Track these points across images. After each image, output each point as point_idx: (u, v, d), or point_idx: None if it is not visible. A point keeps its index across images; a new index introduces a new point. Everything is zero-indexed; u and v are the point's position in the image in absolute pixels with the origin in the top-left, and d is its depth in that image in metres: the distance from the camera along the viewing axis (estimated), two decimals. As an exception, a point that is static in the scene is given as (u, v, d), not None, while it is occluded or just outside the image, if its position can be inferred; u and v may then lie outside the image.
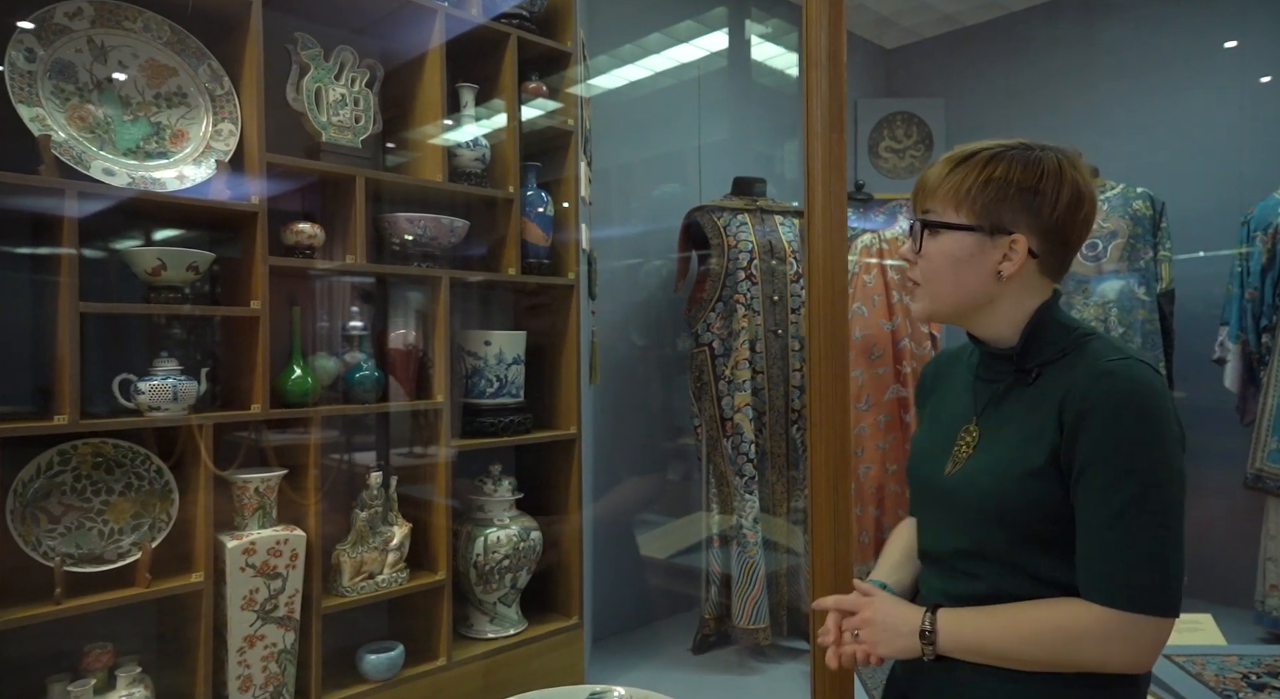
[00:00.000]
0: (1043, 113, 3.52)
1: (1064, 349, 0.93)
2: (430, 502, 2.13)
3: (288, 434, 1.91)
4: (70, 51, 1.69)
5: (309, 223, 1.92)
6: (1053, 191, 0.92)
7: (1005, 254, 0.93)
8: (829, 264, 1.89)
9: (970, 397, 1.01)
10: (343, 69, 2.04)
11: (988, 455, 0.94)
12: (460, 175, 2.20)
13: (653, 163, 3.12)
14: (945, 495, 0.98)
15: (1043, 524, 0.90)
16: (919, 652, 0.92)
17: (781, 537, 2.77)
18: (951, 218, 0.94)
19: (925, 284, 0.98)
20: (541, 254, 2.37)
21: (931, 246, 0.96)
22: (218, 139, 1.84)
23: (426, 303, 2.17)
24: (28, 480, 1.60)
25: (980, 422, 0.98)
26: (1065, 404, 0.88)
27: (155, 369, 1.68)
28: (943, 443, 1.01)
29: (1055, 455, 0.88)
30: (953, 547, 0.97)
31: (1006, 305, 0.95)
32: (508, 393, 2.29)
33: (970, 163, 0.94)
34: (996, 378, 0.98)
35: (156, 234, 1.88)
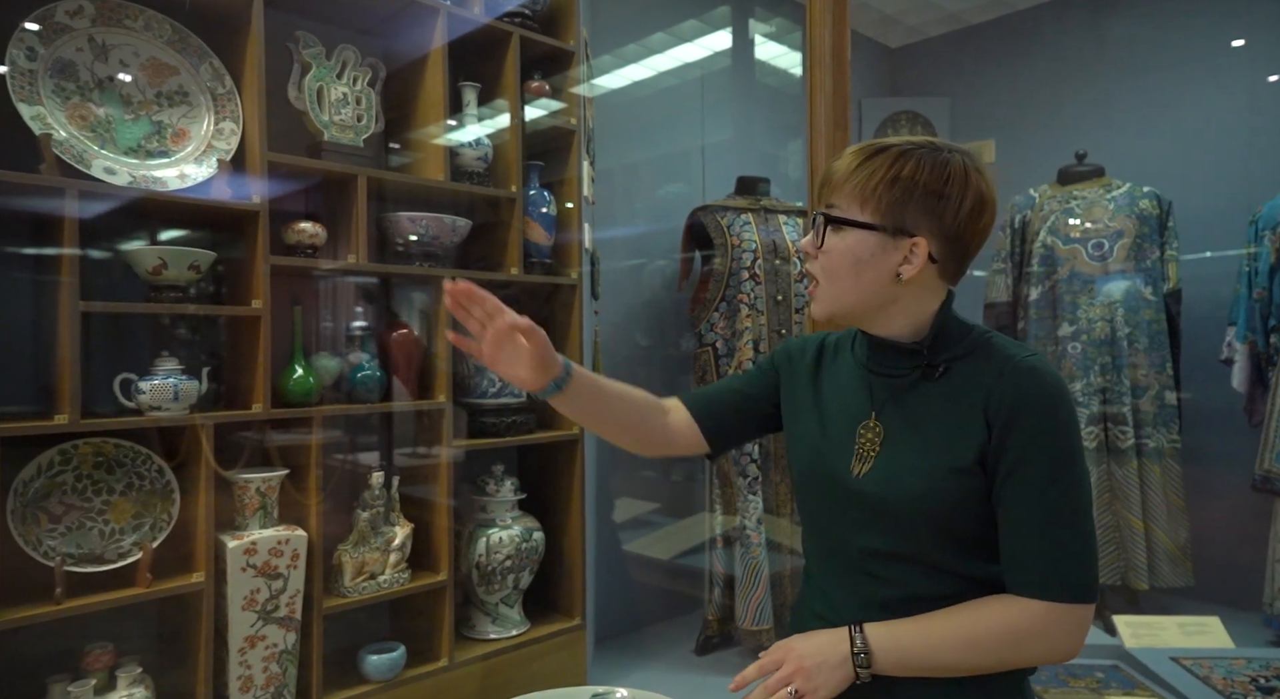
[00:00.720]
0: (1049, 111, 3.50)
1: (969, 347, 0.93)
2: (432, 502, 2.12)
3: (289, 434, 1.90)
4: (71, 50, 1.68)
5: (311, 222, 1.91)
6: (957, 197, 0.90)
7: (905, 257, 0.91)
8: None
9: (865, 392, 0.98)
10: (345, 68, 2.03)
11: (904, 453, 0.92)
12: (463, 175, 2.19)
13: (656, 162, 3.11)
14: (857, 495, 0.93)
15: (967, 523, 0.89)
16: (853, 678, 0.88)
17: (785, 537, 2.75)
18: (856, 215, 0.91)
19: (825, 282, 0.94)
20: (544, 254, 2.36)
21: (834, 242, 0.93)
22: (219, 138, 1.83)
23: (429, 302, 2.16)
24: (28, 480, 1.60)
25: (881, 417, 0.95)
26: (990, 403, 0.88)
27: (156, 368, 1.68)
28: (840, 439, 0.97)
29: (981, 453, 0.88)
30: (865, 548, 0.94)
31: (905, 306, 0.94)
32: (510, 393, 2.28)
33: (879, 158, 0.91)
34: (894, 372, 0.95)
35: (158, 233, 1.88)
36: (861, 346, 1.00)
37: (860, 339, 1.01)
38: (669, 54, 3.17)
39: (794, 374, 1.07)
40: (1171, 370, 2.78)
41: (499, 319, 0.93)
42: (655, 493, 3.12)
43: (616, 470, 2.91)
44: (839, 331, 1.09)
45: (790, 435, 1.06)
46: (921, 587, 0.91)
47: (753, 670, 0.92)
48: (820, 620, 0.97)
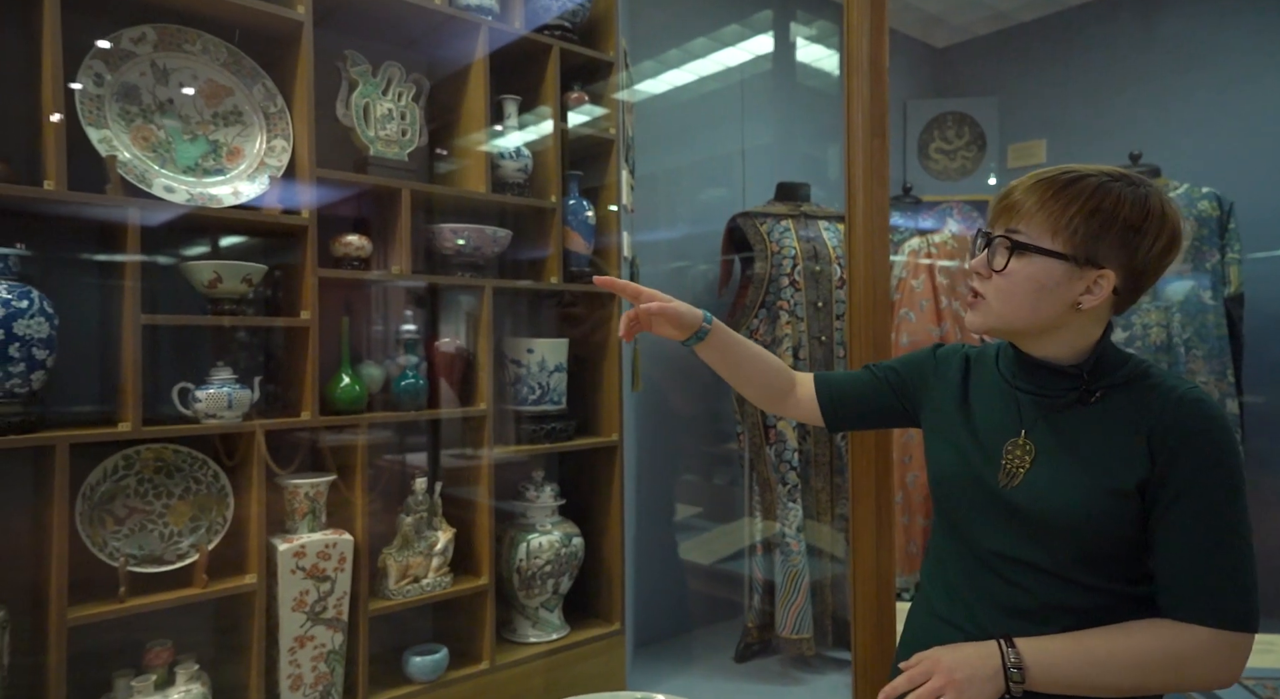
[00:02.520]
0: (1101, 110, 3.40)
1: (1127, 376, 0.95)
2: (474, 507, 2.17)
3: (337, 440, 1.96)
4: (135, 75, 1.77)
5: (357, 235, 1.97)
6: (1154, 233, 0.92)
7: (1089, 287, 0.93)
8: (870, 271, 1.87)
9: (1014, 408, 1.01)
10: (390, 84, 2.09)
11: (1058, 472, 0.94)
12: (503, 186, 2.24)
13: (698, 167, 3.11)
14: (1005, 506, 0.97)
15: (1111, 542, 0.92)
16: (1004, 692, 0.90)
17: (826, 545, 2.73)
18: (1046, 243, 0.93)
19: (996, 302, 0.97)
20: (584, 262, 2.39)
21: (1016, 267, 0.95)
22: (271, 155, 1.90)
23: (471, 311, 2.21)
24: (95, 484, 1.69)
25: (1032, 435, 0.98)
26: (1154, 433, 0.90)
27: (212, 378, 1.75)
28: (987, 452, 1.01)
29: (1143, 481, 0.90)
30: (1001, 553, 0.97)
31: (1071, 331, 0.96)
32: (550, 400, 2.31)
33: (1075, 189, 0.92)
34: (1047, 393, 0.98)
35: (213, 247, 1.96)
36: (1009, 364, 1.04)
37: (1007, 356, 1.04)
38: (710, 58, 3.18)
39: (942, 380, 1.11)
40: (1233, 377, 2.67)
41: (639, 302, 1.12)
42: (697, 497, 3.13)
43: (657, 475, 2.92)
44: (975, 346, 1.14)
45: (933, 437, 1.10)
46: (1054, 596, 0.94)
47: (902, 682, 0.95)
48: (941, 621, 1.02)
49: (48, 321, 1.55)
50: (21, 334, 1.50)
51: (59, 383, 1.63)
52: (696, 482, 3.14)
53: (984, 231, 1.00)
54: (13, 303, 1.50)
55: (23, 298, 1.52)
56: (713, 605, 3.09)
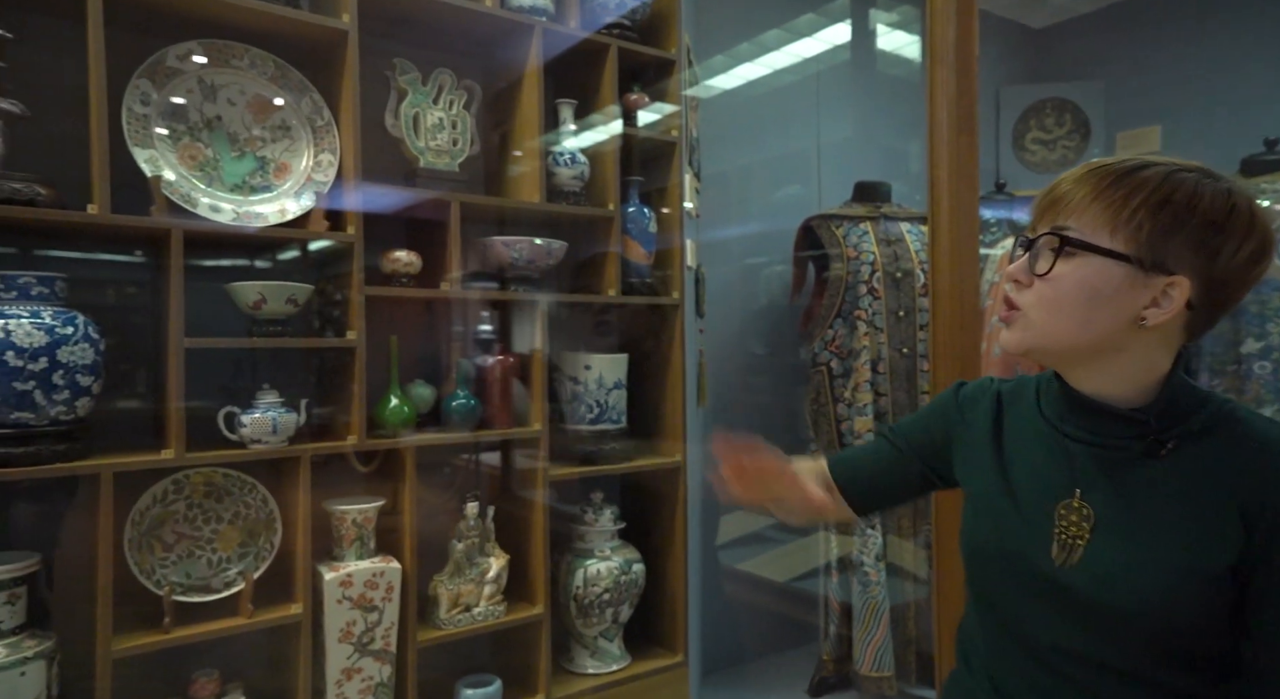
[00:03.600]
0: (1224, 93, 3.04)
1: (1208, 421, 0.76)
2: (528, 532, 2.07)
3: (385, 463, 1.90)
4: (182, 92, 1.74)
5: (406, 251, 1.90)
6: (1240, 235, 0.73)
7: (1156, 298, 0.74)
8: (957, 280, 1.67)
9: (1063, 461, 0.82)
10: (440, 92, 2.01)
11: (1125, 547, 0.76)
12: (559, 194, 2.13)
13: (770, 164, 2.94)
14: (1059, 588, 0.78)
15: (1202, 637, 0.73)
16: None
17: (909, 563, 2.52)
18: (1102, 241, 0.75)
19: (1040, 314, 0.78)
20: (644, 273, 2.26)
21: (1065, 270, 0.77)
22: (318, 170, 1.85)
23: (524, 327, 2.11)
24: (145, 509, 1.66)
25: (1088, 497, 0.79)
26: (1248, 497, 0.71)
27: (258, 401, 1.71)
28: (1033, 516, 0.82)
29: (1237, 559, 0.72)
30: (1061, 647, 0.79)
31: (1131, 359, 0.77)
32: (608, 419, 2.19)
33: (1139, 177, 0.74)
34: (1104, 442, 0.79)
35: (258, 267, 1.92)
36: (1055, 403, 0.84)
37: (1051, 393, 0.85)
38: (784, 51, 2.99)
39: (970, 427, 0.93)
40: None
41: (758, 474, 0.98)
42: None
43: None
44: (1009, 379, 0.94)
45: (965, 500, 0.92)
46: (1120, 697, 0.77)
47: None
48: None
49: (92, 348, 1.53)
50: (65, 361, 1.48)
51: (105, 408, 1.61)
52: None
53: (1023, 236, 0.82)
54: (57, 329, 1.47)
55: (67, 324, 1.50)
56: (785, 629, 2.91)
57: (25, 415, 1.45)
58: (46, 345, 1.46)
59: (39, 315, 1.47)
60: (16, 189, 1.47)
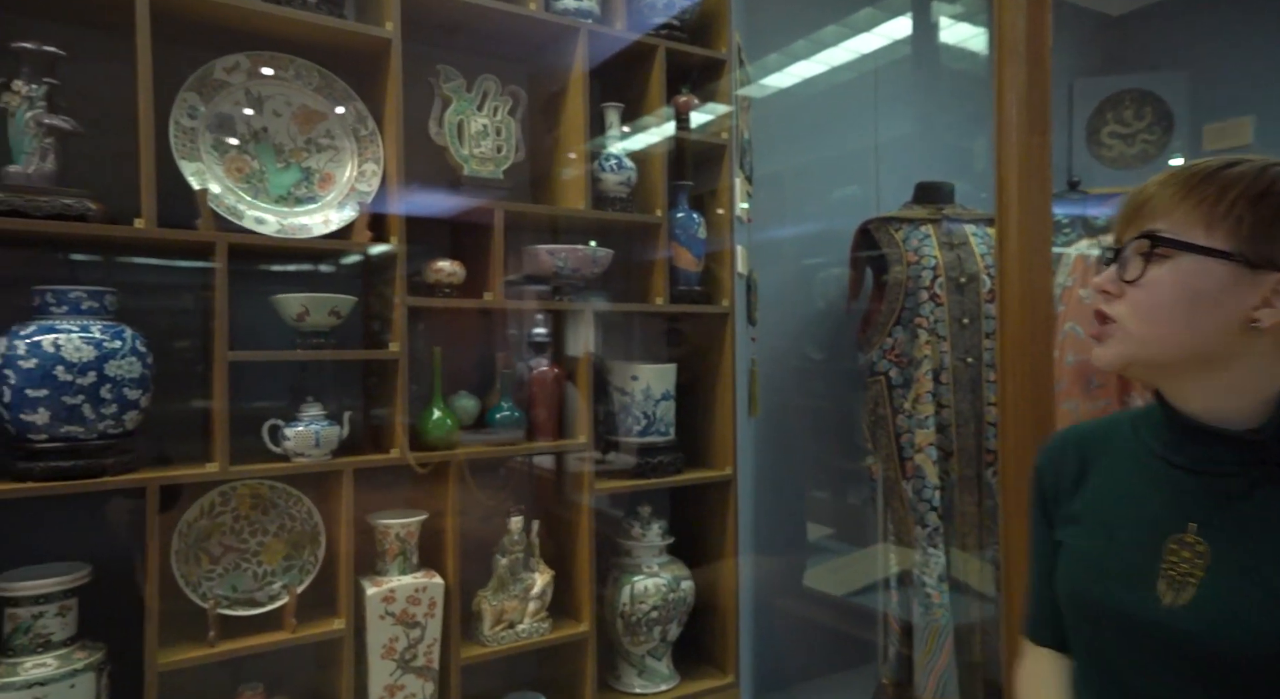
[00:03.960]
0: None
1: None
2: (574, 547, 2.02)
3: (428, 477, 1.87)
4: (229, 104, 1.74)
5: (450, 261, 1.87)
6: None
7: (1268, 297, 0.67)
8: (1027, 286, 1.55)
9: (1169, 492, 0.74)
10: (485, 99, 1.98)
11: (1248, 584, 0.67)
12: (605, 201, 2.07)
13: (826, 165, 2.83)
14: (1172, 634, 0.70)
15: None
16: None
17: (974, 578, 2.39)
18: (1198, 238, 0.68)
19: (1134, 322, 0.72)
20: (693, 281, 2.19)
21: (1158, 275, 0.70)
22: (362, 180, 1.83)
23: (570, 337, 2.06)
24: (192, 521, 1.67)
25: (1203, 531, 0.71)
26: None
27: (301, 414, 1.70)
28: (1134, 556, 0.74)
29: None
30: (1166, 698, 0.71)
31: (1245, 370, 0.70)
32: (656, 431, 2.13)
33: (1230, 174, 0.68)
34: (1219, 470, 0.71)
35: (302, 278, 1.91)
36: (1158, 431, 0.77)
37: (1153, 421, 0.78)
38: (841, 47, 2.88)
39: (1059, 486, 0.86)
40: None
41: None
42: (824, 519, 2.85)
43: (778, 507, 2.67)
44: (1087, 423, 0.87)
45: (1061, 549, 0.85)
46: None
47: None
48: None
49: (140, 361, 1.53)
50: (113, 375, 1.48)
51: (153, 419, 1.62)
52: (825, 501, 2.86)
53: (1108, 247, 0.75)
54: (105, 343, 1.48)
55: (116, 338, 1.51)
56: (842, 648, 2.80)
57: (75, 429, 1.46)
58: (95, 359, 1.47)
59: (88, 330, 1.48)
60: (68, 204, 1.48)
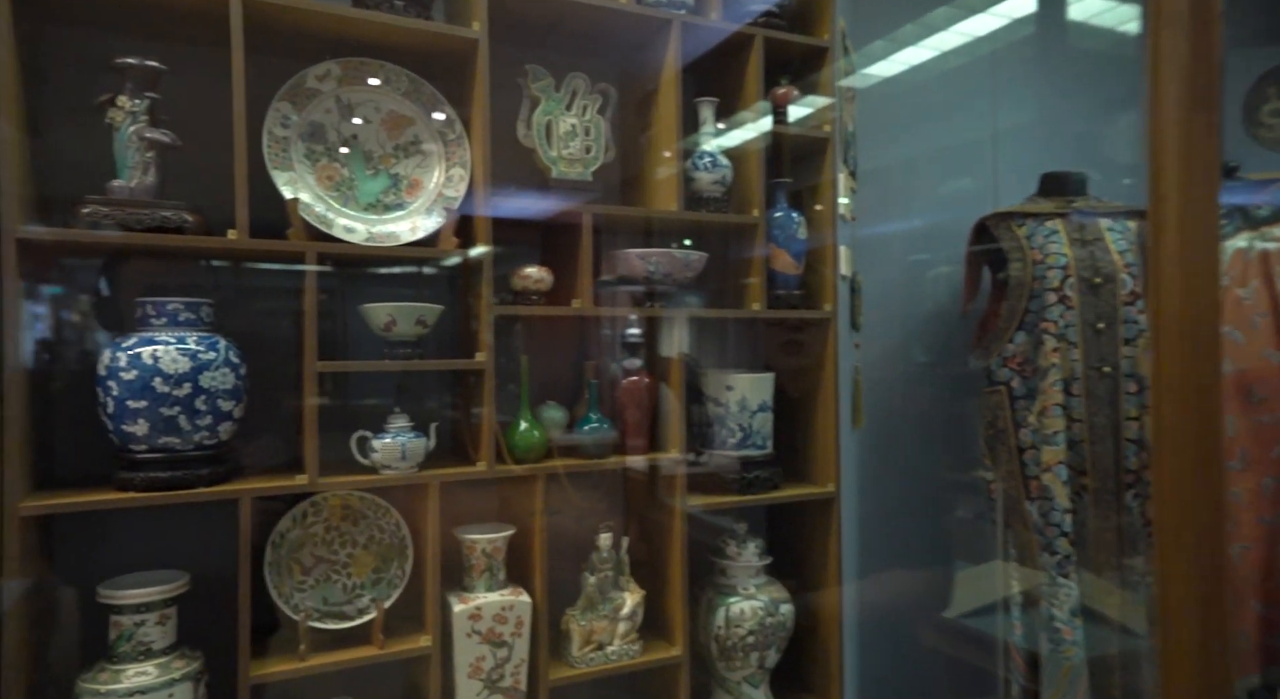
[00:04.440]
0: None
1: None
2: (666, 566, 1.92)
3: (515, 490, 1.81)
4: (321, 112, 1.73)
5: (537, 267, 1.81)
6: None
7: None
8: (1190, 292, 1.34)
9: None
10: (574, 97, 1.91)
11: None
12: (698, 201, 1.96)
13: (937, 156, 2.62)
14: None
15: None
16: None
17: (1112, 630, 2.15)
18: None
19: None
20: (792, 284, 2.05)
21: None
22: (449, 185, 1.79)
23: (660, 345, 1.96)
24: (284, 531, 1.67)
25: None
26: None
27: (388, 426, 1.67)
28: None
29: None
30: None
31: None
32: (752, 444, 2.00)
33: None
34: None
35: (389, 287, 1.89)
36: None
37: None
38: (954, 30, 2.67)
39: None
40: None
41: None
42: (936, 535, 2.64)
43: (884, 524, 2.48)
44: None
45: None
46: None
47: None
48: None
49: (233, 372, 1.54)
50: (207, 386, 1.49)
51: (247, 430, 1.62)
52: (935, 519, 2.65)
53: None
54: (200, 354, 1.49)
55: (210, 349, 1.51)
56: (958, 677, 2.59)
57: (172, 440, 1.47)
58: (190, 371, 1.47)
59: (184, 341, 1.50)
60: (166, 217, 1.50)
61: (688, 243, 2.09)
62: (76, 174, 1.56)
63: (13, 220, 1.36)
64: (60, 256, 1.60)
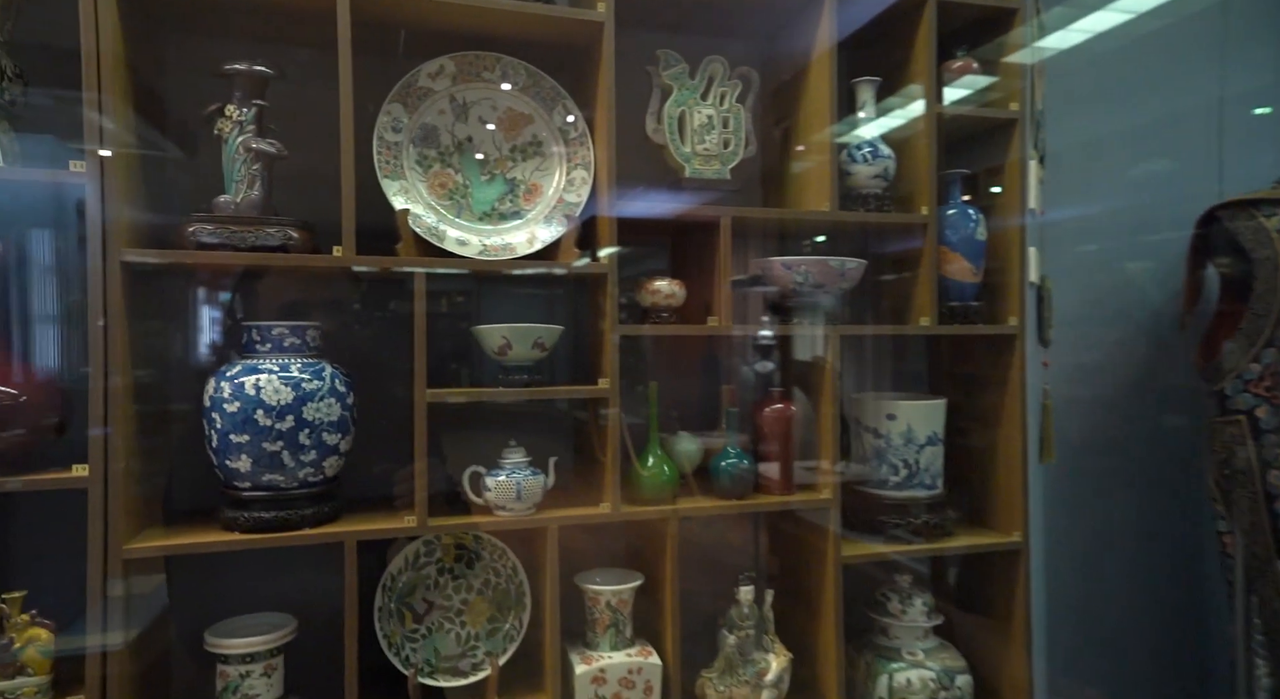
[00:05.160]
0: None
1: None
2: (816, 625, 1.65)
3: (643, 534, 1.60)
4: (434, 114, 1.58)
5: (667, 280, 1.58)
6: None
7: None
8: None
9: None
10: (711, 85, 1.67)
11: None
12: (855, 199, 1.68)
13: (1138, 134, 2.19)
14: None
15: None
16: None
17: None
18: None
19: None
20: (968, 294, 1.72)
21: None
22: (570, 189, 1.60)
23: (809, 367, 1.69)
24: (396, 574, 1.53)
25: None
26: None
27: (504, 461, 1.49)
28: None
29: None
30: None
31: None
32: (920, 483, 1.70)
33: None
34: None
35: (508, 304, 1.72)
36: None
37: None
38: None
39: None
40: None
41: None
42: (1147, 603, 2.21)
43: (1081, 580, 2.08)
44: None
45: None
46: None
47: None
48: None
49: (339, 402, 1.40)
50: (311, 418, 1.36)
51: (355, 462, 1.49)
52: (1146, 575, 2.22)
53: None
54: (304, 384, 1.37)
55: (315, 377, 1.39)
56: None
57: (275, 477, 1.36)
58: (293, 402, 1.35)
59: (288, 369, 1.37)
60: (270, 233, 1.38)
61: (820, 239, 1.81)
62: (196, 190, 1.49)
63: (118, 243, 1.28)
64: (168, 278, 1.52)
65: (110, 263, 1.27)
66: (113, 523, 1.27)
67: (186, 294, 1.56)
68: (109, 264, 1.27)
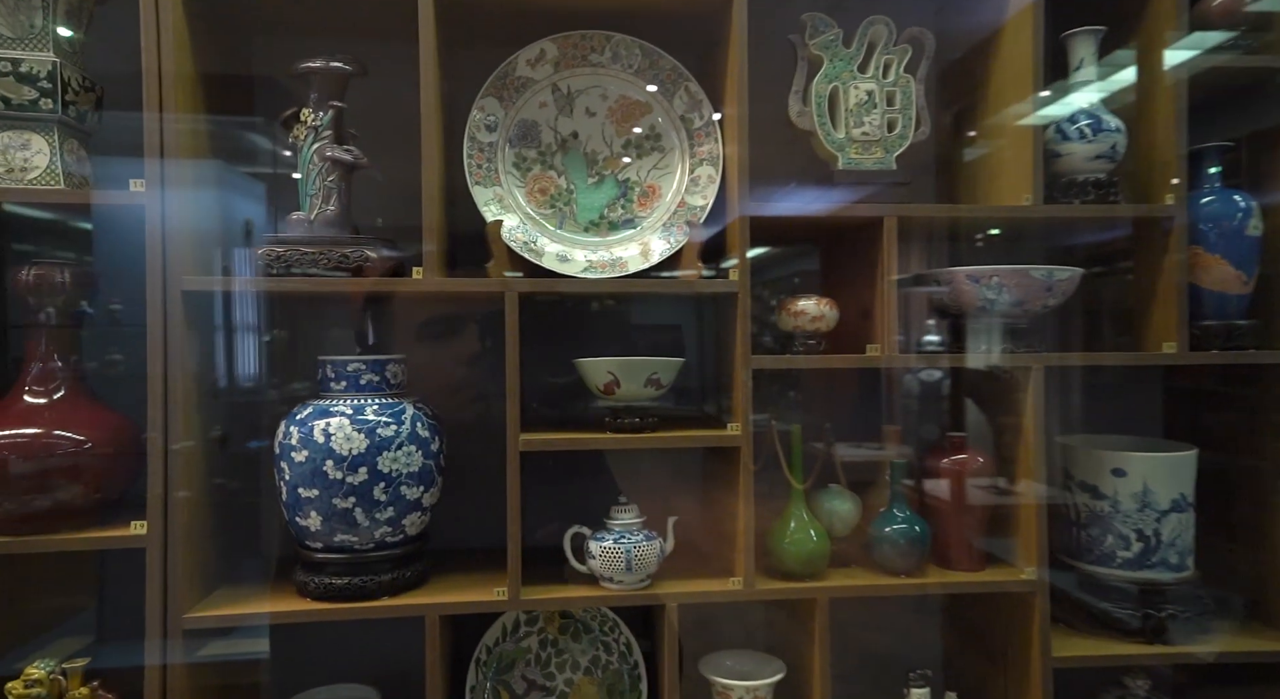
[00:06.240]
0: None
1: None
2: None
3: (785, 614, 1.29)
4: (534, 107, 1.35)
5: (814, 298, 1.26)
6: None
7: None
8: None
9: None
10: (871, 52, 1.33)
11: None
12: (1067, 187, 1.28)
13: None
14: None
15: None
16: None
17: None
18: None
19: None
20: (1232, 309, 1.28)
21: None
22: (693, 190, 1.32)
23: (1002, 408, 1.31)
24: (492, 645, 1.31)
25: None
26: None
27: (612, 521, 1.24)
28: None
29: None
30: None
31: None
32: (1161, 561, 1.28)
33: None
34: None
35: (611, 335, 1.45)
36: None
37: None
38: None
39: None
40: None
41: None
42: None
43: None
44: None
45: None
46: None
47: None
48: None
49: (420, 449, 1.20)
50: (387, 471, 1.16)
51: (441, 517, 1.28)
52: None
53: None
54: (378, 431, 1.17)
55: (393, 421, 1.19)
56: None
57: (348, 538, 1.17)
58: (366, 451, 1.15)
59: (362, 412, 1.18)
60: (344, 256, 1.20)
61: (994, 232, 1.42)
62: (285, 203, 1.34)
63: (180, 271, 1.13)
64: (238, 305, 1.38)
65: (171, 291, 1.13)
66: (174, 586, 1.12)
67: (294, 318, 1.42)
68: (169, 293, 1.13)
